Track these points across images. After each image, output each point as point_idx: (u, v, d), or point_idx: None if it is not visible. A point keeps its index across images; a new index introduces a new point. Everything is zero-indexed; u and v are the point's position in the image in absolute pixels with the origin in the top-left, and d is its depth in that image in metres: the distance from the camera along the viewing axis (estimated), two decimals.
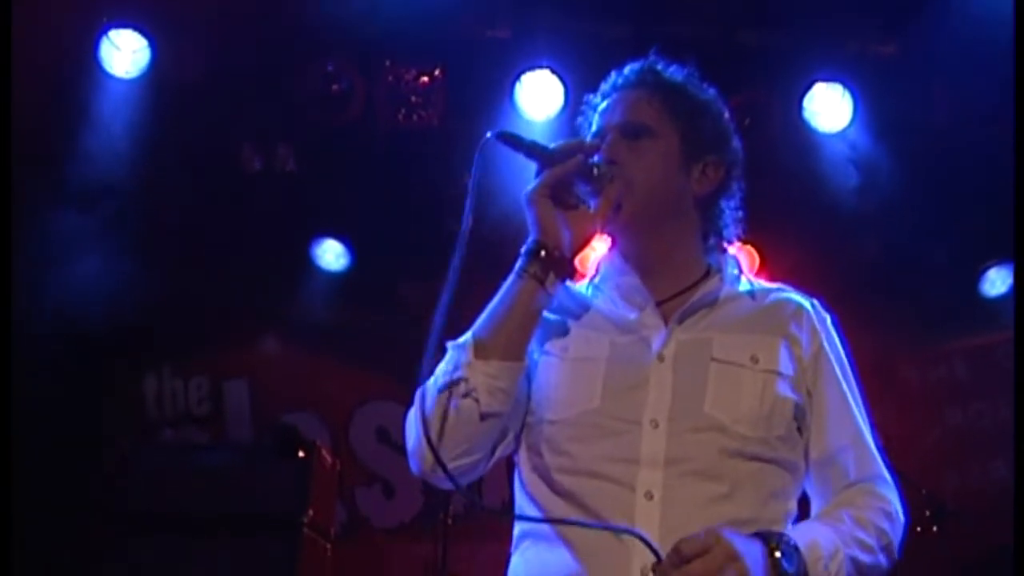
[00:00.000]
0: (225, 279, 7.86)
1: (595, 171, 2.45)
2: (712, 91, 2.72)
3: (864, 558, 2.32)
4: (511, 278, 2.43)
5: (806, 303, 2.62)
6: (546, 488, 2.40)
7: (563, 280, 2.46)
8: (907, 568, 5.76)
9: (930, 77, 6.95)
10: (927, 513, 5.22)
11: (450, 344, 2.41)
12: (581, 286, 2.68)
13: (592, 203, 2.45)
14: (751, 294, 2.59)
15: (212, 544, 5.11)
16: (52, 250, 7.34)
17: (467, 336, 2.39)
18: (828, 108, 7.01)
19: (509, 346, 2.36)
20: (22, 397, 7.43)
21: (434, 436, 2.28)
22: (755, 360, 2.41)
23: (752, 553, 2.12)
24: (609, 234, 2.59)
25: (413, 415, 2.36)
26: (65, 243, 7.43)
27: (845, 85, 6.95)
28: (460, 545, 5.96)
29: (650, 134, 2.54)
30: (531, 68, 6.85)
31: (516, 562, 2.45)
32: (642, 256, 2.56)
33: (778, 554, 2.16)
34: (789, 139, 7.15)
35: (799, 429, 2.44)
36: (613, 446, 2.32)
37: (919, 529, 5.22)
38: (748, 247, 7.94)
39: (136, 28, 6.70)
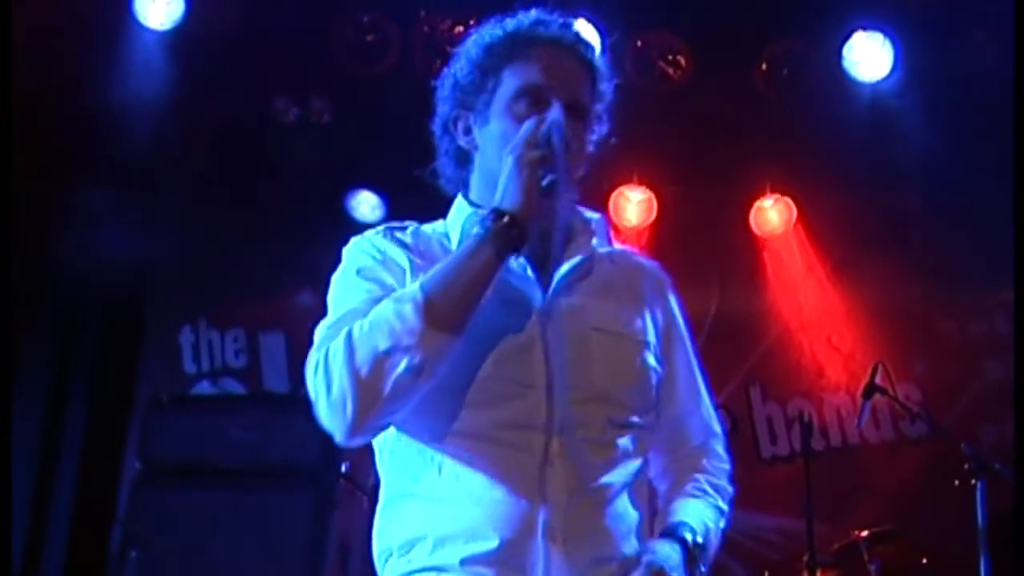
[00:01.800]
0: (260, 231, 7.86)
1: (564, 173, 2.30)
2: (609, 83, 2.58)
3: (722, 524, 2.50)
4: (473, 243, 2.24)
5: (654, 267, 2.64)
6: (433, 453, 2.32)
7: (515, 256, 2.29)
8: (946, 520, 5.74)
9: (971, 26, 6.86)
10: (965, 466, 5.17)
11: (394, 296, 2.25)
12: (431, 227, 2.60)
13: (545, 182, 2.26)
14: (610, 258, 2.55)
15: (247, 497, 5.14)
16: (89, 204, 7.37)
17: (415, 290, 2.22)
18: (868, 57, 6.93)
19: (462, 321, 2.21)
20: (60, 350, 7.52)
21: (365, 398, 2.17)
22: (629, 330, 2.43)
23: (676, 562, 2.28)
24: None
25: (340, 366, 2.19)
26: (101, 196, 7.46)
27: (886, 34, 6.86)
28: None
29: (586, 116, 2.48)
30: (567, 17, 6.79)
31: (392, 524, 2.41)
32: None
33: (693, 548, 2.33)
34: (828, 89, 7.07)
35: (656, 395, 2.48)
36: (510, 412, 2.27)
37: (957, 483, 5.18)
38: (785, 199, 7.89)
39: None
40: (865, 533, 6.18)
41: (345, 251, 2.58)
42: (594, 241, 2.50)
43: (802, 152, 7.40)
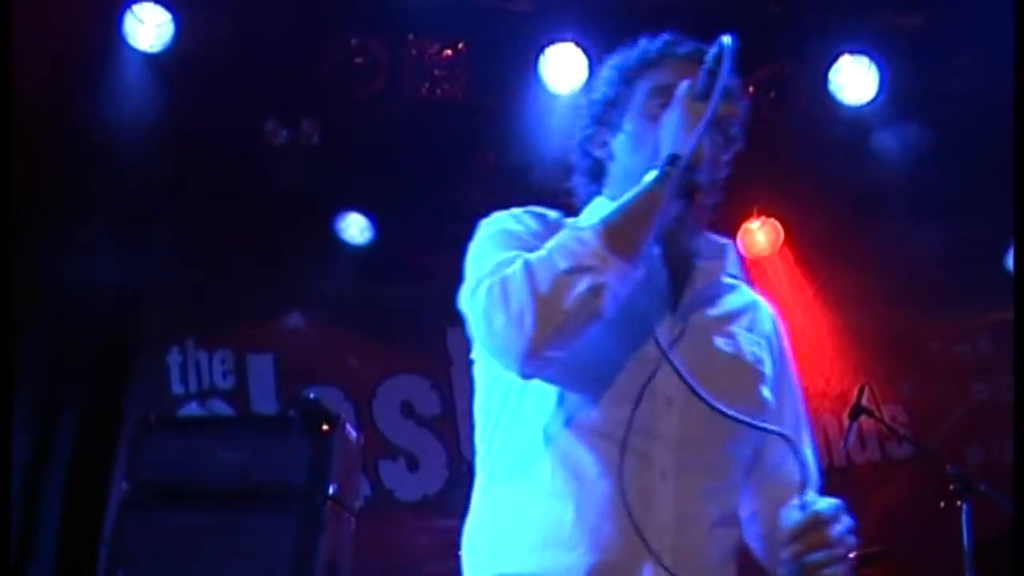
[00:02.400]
0: (249, 252, 7.88)
1: (730, 125, 2.40)
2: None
3: None
4: (651, 182, 2.24)
5: (772, 309, 2.66)
6: (552, 442, 2.31)
7: (686, 208, 2.33)
8: (932, 542, 5.76)
9: (956, 50, 6.90)
10: (951, 488, 5.20)
11: (568, 229, 2.26)
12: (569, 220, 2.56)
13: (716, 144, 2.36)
14: (733, 288, 2.58)
15: (235, 518, 5.13)
16: (79, 226, 7.38)
17: (595, 225, 2.22)
18: (854, 81, 6.98)
19: (638, 251, 2.20)
20: (48, 370, 7.52)
21: (544, 316, 2.13)
22: (750, 359, 2.46)
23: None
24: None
25: (519, 285, 2.16)
26: (91, 218, 7.47)
27: (871, 58, 6.91)
28: None
29: (722, 133, 2.45)
30: (555, 41, 6.84)
31: (494, 511, 2.40)
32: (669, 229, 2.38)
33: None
34: (814, 112, 7.11)
35: None
36: (635, 415, 2.26)
37: (943, 504, 5.20)
38: (772, 221, 7.93)
39: (160, 1, 6.70)
40: (852, 555, 6.19)
41: (485, 222, 2.51)
42: (727, 267, 2.54)
43: (789, 175, 7.43)
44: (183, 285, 8.05)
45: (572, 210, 2.61)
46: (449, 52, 7.01)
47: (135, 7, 6.67)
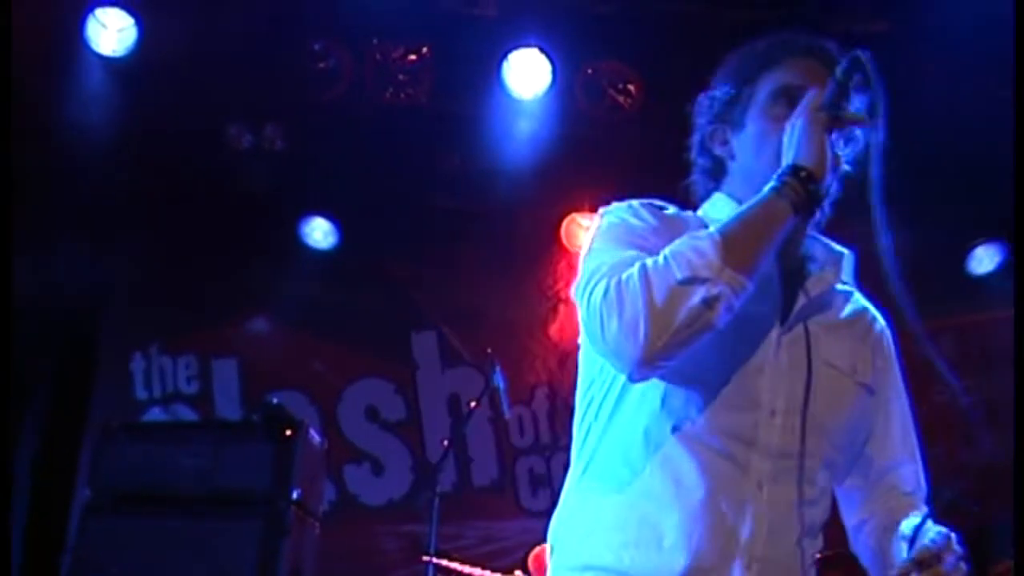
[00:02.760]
0: (213, 257, 7.86)
1: (852, 138, 2.36)
2: None
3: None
4: (770, 194, 2.23)
5: (882, 319, 2.61)
6: (654, 446, 2.30)
7: (804, 218, 2.31)
8: None
9: (921, 56, 6.94)
10: None
11: (689, 236, 2.21)
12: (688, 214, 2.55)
13: (842, 158, 2.34)
14: (847, 296, 2.55)
15: (199, 523, 5.12)
16: (39, 229, 7.33)
17: (711, 231, 2.20)
18: None
19: (755, 264, 2.18)
20: (10, 377, 7.47)
21: (658, 325, 2.12)
22: (854, 370, 2.43)
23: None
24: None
25: (636, 293, 2.14)
26: (53, 224, 7.43)
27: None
28: (448, 522, 5.98)
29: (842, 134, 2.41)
30: (518, 46, 6.85)
31: (587, 510, 2.37)
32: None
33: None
34: None
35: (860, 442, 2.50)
36: (734, 423, 2.26)
37: None
38: None
39: (122, 6, 6.68)
40: (818, 555, 6.23)
41: (603, 212, 2.50)
42: (841, 275, 2.52)
43: None
44: (147, 290, 8.01)
45: (687, 204, 2.59)
46: (413, 57, 7.01)
47: (98, 11, 6.65)
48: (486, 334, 7.28)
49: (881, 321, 2.59)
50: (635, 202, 2.47)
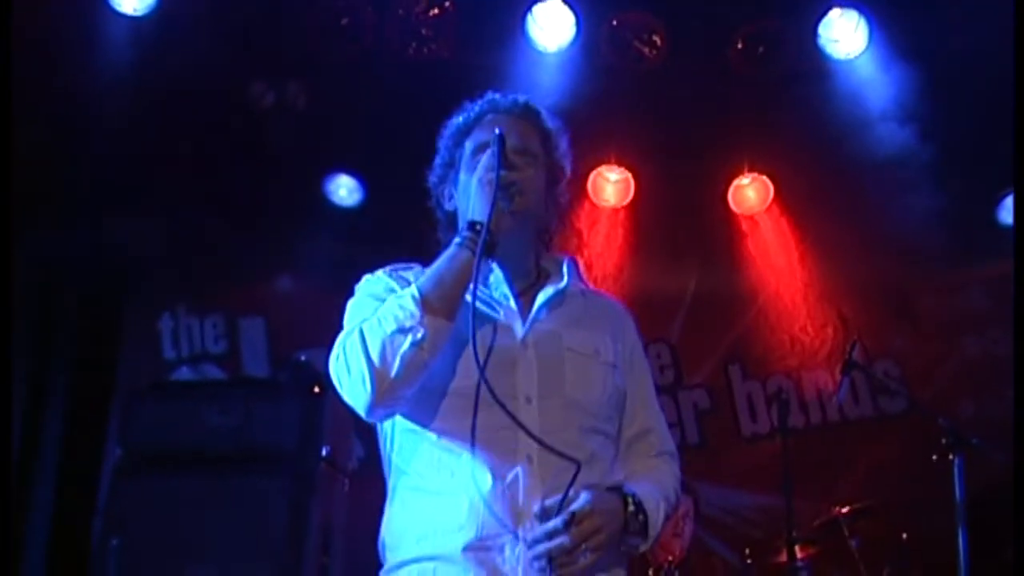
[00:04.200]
0: (239, 216, 7.85)
1: (516, 186, 2.79)
2: (566, 141, 3.12)
3: (670, 510, 2.87)
4: (453, 249, 2.76)
5: (619, 307, 3.13)
6: (426, 450, 2.77)
7: (490, 260, 2.81)
8: (925, 495, 5.77)
9: (947, 1, 6.86)
10: (943, 441, 5.20)
11: (394, 296, 2.74)
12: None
13: (506, 207, 2.76)
14: (582, 294, 3.03)
15: (228, 482, 5.13)
16: (62, 192, 7.34)
17: (412, 290, 2.70)
18: (844, 35, 6.94)
19: (452, 308, 2.70)
20: (40, 341, 7.51)
21: (378, 374, 2.62)
22: (597, 352, 2.89)
23: (614, 508, 2.68)
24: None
25: (356, 351, 2.66)
26: (78, 185, 7.43)
27: (860, 11, 6.86)
28: None
29: (536, 161, 2.95)
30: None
31: (394, 517, 2.86)
32: (507, 255, 2.89)
33: (631, 506, 2.71)
34: (804, 67, 7.08)
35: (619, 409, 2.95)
36: (492, 416, 2.65)
37: (935, 458, 5.21)
38: (762, 177, 7.91)
39: None
40: (845, 509, 6.22)
41: (357, 287, 3.05)
42: (564, 279, 2.97)
43: (779, 130, 7.41)
44: (173, 251, 8.02)
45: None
46: (436, 11, 6.95)
47: None
48: None
49: (620, 311, 3.11)
50: (382, 271, 3.03)
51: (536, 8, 6.86)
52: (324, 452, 5.21)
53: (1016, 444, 4.09)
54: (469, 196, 2.81)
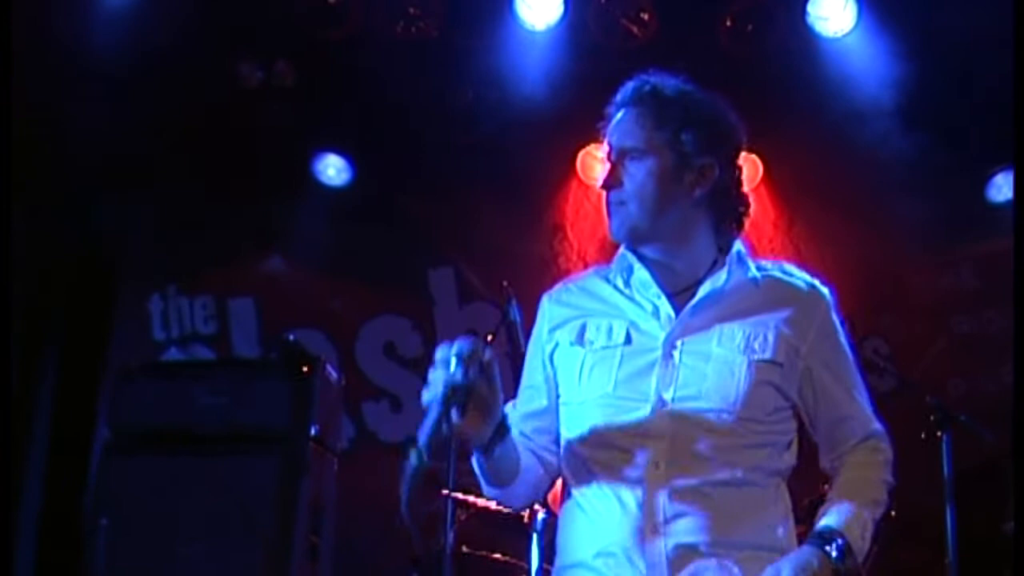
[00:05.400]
0: (227, 196, 7.84)
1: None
2: (708, 97, 2.96)
3: (878, 512, 2.75)
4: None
5: (804, 286, 2.92)
6: (570, 458, 2.80)
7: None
8: (911, 474, 5.78)
9: None
10: (931, 419, 5.22)
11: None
12: (595, 277, 2.98)
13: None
14: (755, 281, 2.86)
15: (218, 461, 5.14)
16: (52, 173, 7.32)
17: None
18: (833, 12, 6.93)
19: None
20: (29, 321, 7.49)
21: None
22: (750, 349, 2.71)
23: (806, 560, 2.57)
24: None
25: None
26: (64, 165, 7.41)
27: None
28: (467, 457, 5.98)
29: (640, 154, 2.82)
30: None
31: (559, 523, 2.89)
32: (653, 255, 2.84)
33: (829, 549, 2.58)
34: (793, 44, 7.08)
35: (789, 406, 2.79)
36: (624, 423, 2.66)
37: (923, 436, 5.23)
38: (752, 156, 7.89)
39: None
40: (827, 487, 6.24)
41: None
42: (729, 269, 2.82)
43: (768, 108, 7.38)
44: (162, 232, 8.00)
45: None
46: None
47: None
48: (503, 269, 7.26)
49: (805, 294, 2.90)
50: (547, 297, 3.05)
51: None
52: (313, 432, 5.21)
53: (1015, 431, 4.08)
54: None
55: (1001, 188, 7.60)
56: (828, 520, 2.66)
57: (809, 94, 7.19)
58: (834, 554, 2.56)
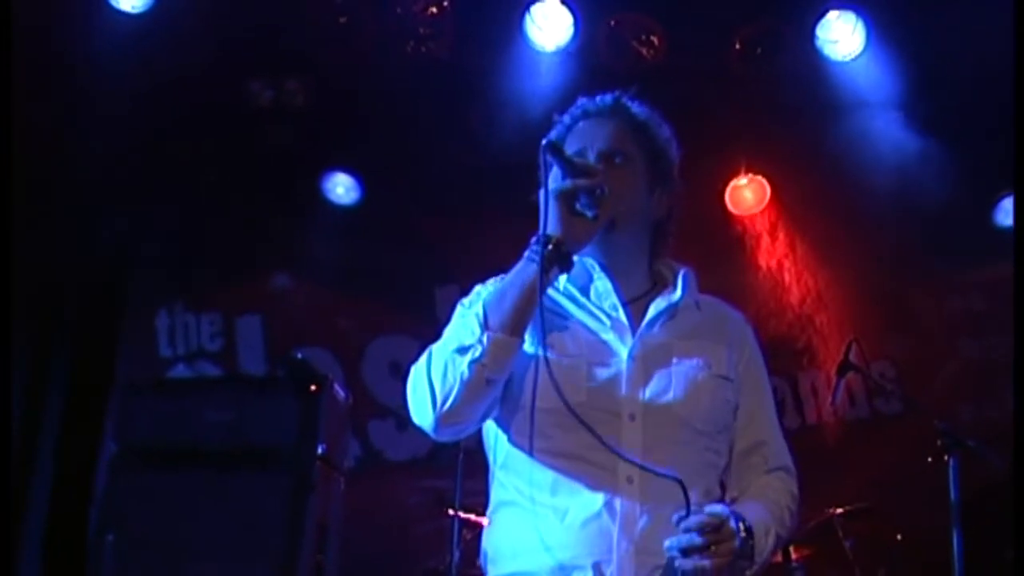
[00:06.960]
0: (236, 214, 7.86)
1: (597, 191, 2.69)
2: (666, 128, 3.01)
3: (783, 532, 2.78)
4: (522, 263, 2.68)
5: (735, 313, 3.04)
6: (525, 467, 2.73)
7: (562, 273, 2.73)
8: (920, 497, 5.77)
9: (945, 4, 6.87)
10: (938, 443, 5.20)
11: (462, 313, 2.76)
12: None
13: (590, 214, 2.69)
14: (696, 305, 2.93)
15: (224, 479, 5.12)
16: (62, 187, 7.33)
17: (478, 308, 2.67)
18: (841, 36, 6.95)
19: (516, 324, 2.64)
20: (36, 336, 7.50)
21: (440, 394, 2.62)
22: (708, 365, 2.79)
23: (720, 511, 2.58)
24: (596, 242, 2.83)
25: (421, 372, 2.68)
26: (74, 179, 7.43)
27: (858, 13, 6.88)
28: (473, 477, 5.98)
29: (630, 161, 2.87)
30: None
31: (493, 531, 2.81)
32: (614, 263, 2.87)
33: (742, 531, 2.58)
34: (802, 68, 7.09)
35: (730, 425, 2.85)
36: (591, 435, 2.59)
37: (930, 459, 5.21)
38: (759, 178, 7.91)
39: None
40: (840, 511, 6.22)
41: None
42: (678, 292, 2.88)
43: (777, 131, 7.41)
44: (170, 248, 8.02)
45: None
46: (434, 10, 6.96)
47: None
48: None
49: (739, 322, 3.01)
50: (483, 285, 2.92)
51: (534, 8, 6.87)
52: (320, 450, 5.20)
53: (1016, 447, 4.07)
54: (543, 211, 2.71)
55: (1009, 212, 7.60)
56: (739, 509, 2.67)
57: (818, 117, 7.20)
58: (743, 532, 2.57)
